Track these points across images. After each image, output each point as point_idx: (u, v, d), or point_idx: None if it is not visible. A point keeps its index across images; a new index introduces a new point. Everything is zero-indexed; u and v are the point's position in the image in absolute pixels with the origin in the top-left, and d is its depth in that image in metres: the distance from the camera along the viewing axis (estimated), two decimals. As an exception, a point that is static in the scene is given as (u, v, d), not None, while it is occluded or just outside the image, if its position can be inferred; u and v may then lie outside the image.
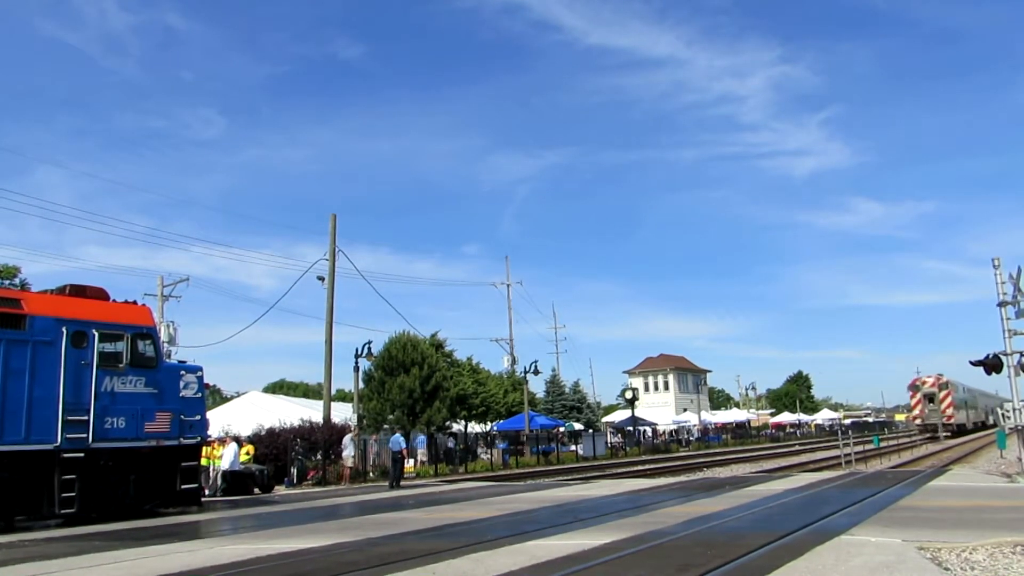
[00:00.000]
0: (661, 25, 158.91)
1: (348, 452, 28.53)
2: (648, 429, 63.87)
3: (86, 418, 14.79)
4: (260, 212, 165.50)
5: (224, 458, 23.70)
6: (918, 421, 64.01)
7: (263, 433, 29.45)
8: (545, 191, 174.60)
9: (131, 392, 15.71)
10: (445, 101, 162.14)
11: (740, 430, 78.36)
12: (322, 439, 29.67)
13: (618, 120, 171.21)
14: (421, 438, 36.96)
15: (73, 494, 14.43)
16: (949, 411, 60.85)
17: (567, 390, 64.61)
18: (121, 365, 15.60)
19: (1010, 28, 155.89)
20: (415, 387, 38.45)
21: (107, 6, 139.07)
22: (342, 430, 30.88)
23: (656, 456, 47.91)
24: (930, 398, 61.66)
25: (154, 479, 16.29)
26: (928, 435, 58.97)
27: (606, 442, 52.45)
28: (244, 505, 19.49)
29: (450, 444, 38.47)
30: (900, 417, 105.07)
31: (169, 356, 20.96)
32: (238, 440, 25.99)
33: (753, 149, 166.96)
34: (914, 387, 63.63)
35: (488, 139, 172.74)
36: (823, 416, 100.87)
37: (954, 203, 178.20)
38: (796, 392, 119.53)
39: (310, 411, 36.38)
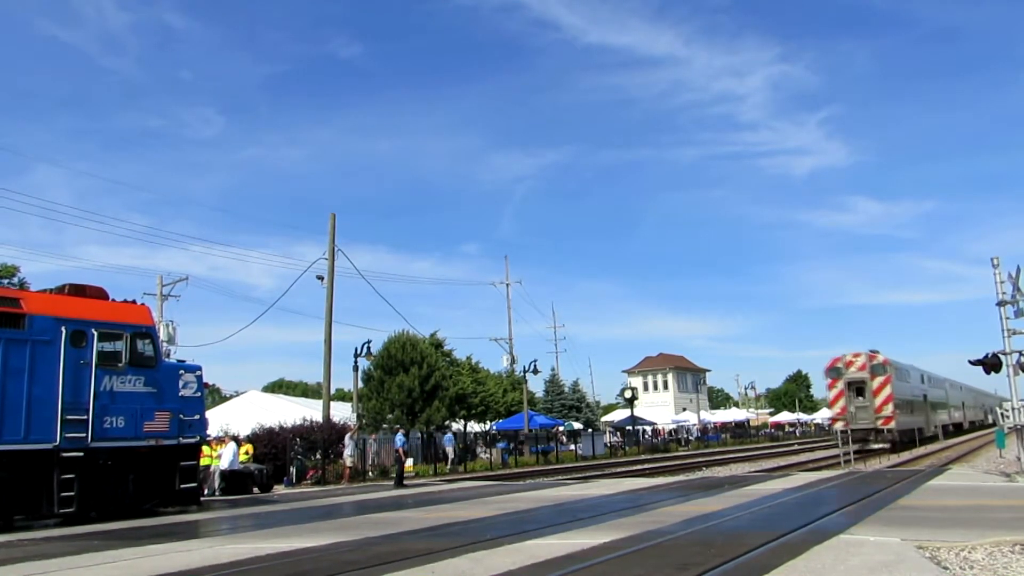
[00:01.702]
0: (660, 24, 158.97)
1: (349, 451, 28.54)
2: (647, 428, 63.89)
3: (85, 417, 14.79)
4: (259, 211, 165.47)
5: (223, 457, 23.69)
6: (839, 425, 38.24)
7: (262, 432, 29.44)
8: (544, 190, 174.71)
9: (130, 391, 15.70)
10: (444, 100, 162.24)
11: (739, 429, 78.41)
12: (321, 438, 29.66)
13: (617, 119, 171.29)
14: (448, 436, 37.51)
15: (72, 493, 14.43)
16: (887, 409, 37.56)
17: (566, 389, 64.61)
18: (120, 364, 15.59)
19: (1009, 27, 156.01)
20: (414, 386, 38.47)
21: (105, 5, 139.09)
22: (342, 429, 30.87)
23: (655, 455, 47.91)
24: (858, 389, 38.88)
25: (153, 478, 16.29)
26: (856, 448, 33.36)
27: (605, 441, 52.46)
28: (243, 504, 19.49)
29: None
30: None
31: (168, 355, 20.94)
32: (237, 439, 25.97)
33: (752, 148, 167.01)
34: (833, 371, 39.81)
35: (487, 138, 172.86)
36: (822, 415, 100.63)
37: (953, 202, 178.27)
38: (795, 391, 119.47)
39: (309, 410, 36.37)
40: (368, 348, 35.41)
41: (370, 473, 30.45)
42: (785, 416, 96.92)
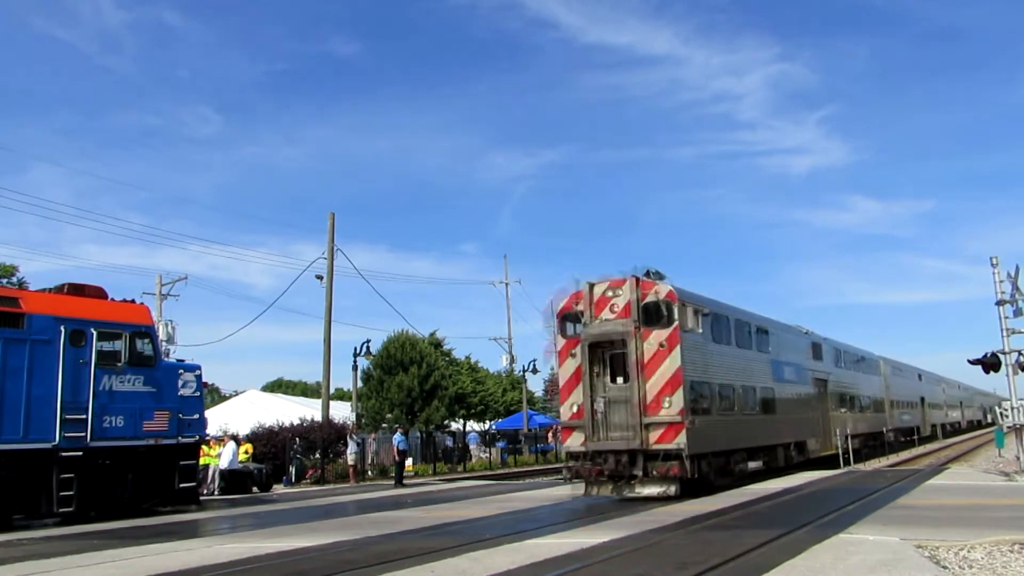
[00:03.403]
0: (658, 22, 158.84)
1: (351, 449, 28.60)
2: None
3: (84, 417, 14.79)
4: (258, 210, 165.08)
5: (223, 457, 23.69)
6: (571, 442, 16.07)
7: (261, 432, 29.45)
8: (543, 189, 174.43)
9: (129, 391, 15.71)
10: (442, 99, 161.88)
11: (738, 429, 78.14)
12: (320, 438, 29.68)
13: (615, 118, 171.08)
14: (473, 435, 37.57)
15: (71, 493, 14.44)
16: (669, 406, 15.13)
17: (566, 389, 64.50)
18: (119, 364, 15.61)
19: (1009, 26, 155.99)
20: (414, 386, 38.48)
21: (102, 3, 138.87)
22: (341, 429, 30.90)
23: (654, 455, 47.71)
24: (615, 361, 16.12)
25: (152, 478, 16.30)
26: (610, 494, 15.42)
27: (605, 441, 52.31)
28: (242, 504, 19.49)
29: (448, 443, 38.51)
30: None
31: (167, 355, 20.96)
32: (236, 439, 25.96)
33: (751, 147, 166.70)
34: (568, 321, 16.83)
35: (485, 137, 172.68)
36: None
37: (953, 201, 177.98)
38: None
39: (308, 410, 36.39)
40: (367, 347, 35.43)
41: (370, 472, 30.47)
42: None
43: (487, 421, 51.14)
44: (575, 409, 16.02)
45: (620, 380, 15.87)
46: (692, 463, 14.98)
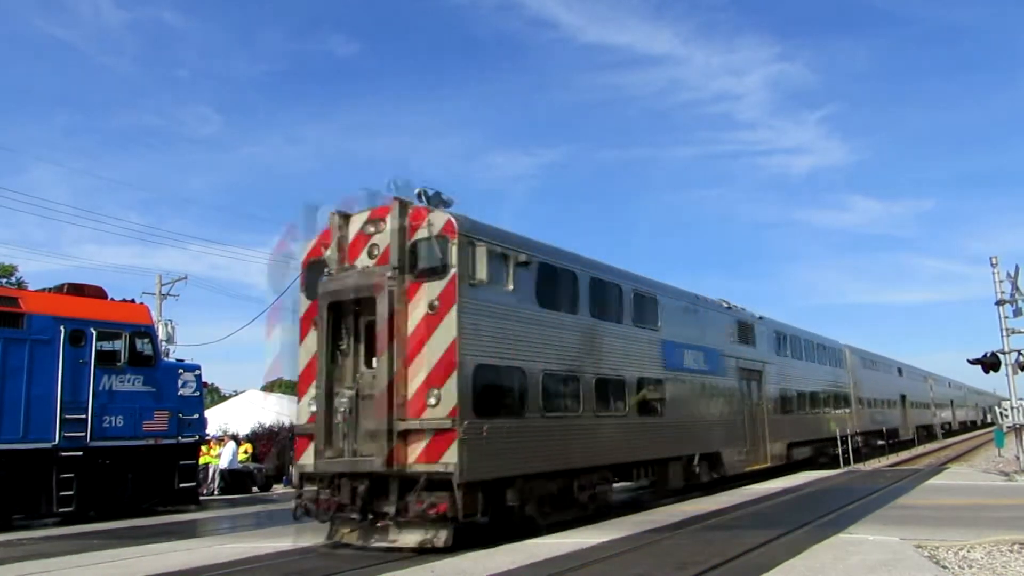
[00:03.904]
0: (658, 22, 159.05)
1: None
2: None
3: (84, 417, 14.81)
4: (257, 210, 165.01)
5: (222, 457, 23.70)
6: (311, 461, 10.39)
7: (261, 432, 29.45)
8: (543, 189, 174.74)
9: (129, 390, 15.73)
10: (442, 99, 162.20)
11: (738, 428, 77.96)
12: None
13: (615, 118, 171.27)
14: None
15: (71, 492, 14.45)
16: (439, 401, 9.73)
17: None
18: (119, 364, 15.63)
19: (1009, 26, 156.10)
20: (413, 386, 38.44)
21: (102, 3, 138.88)
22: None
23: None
24: (369, 332, 10.61)
25: (152, 477, 16.32)
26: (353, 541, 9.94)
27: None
28: (242, 504, 19.49)
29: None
30: None
31: (167, 355, 20.94)
32: (236, 439, 25.97)
33: (750, 147, 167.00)
34: (306, 278, 11.49)
35: (485, 137, 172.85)
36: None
37: (953, 201, 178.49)
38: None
39: (308, 410, 36.29)
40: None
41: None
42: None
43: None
44: (313, 408, 10.67)
45: (376, 367, 10.44)
46: (474, 495, 9.65)
